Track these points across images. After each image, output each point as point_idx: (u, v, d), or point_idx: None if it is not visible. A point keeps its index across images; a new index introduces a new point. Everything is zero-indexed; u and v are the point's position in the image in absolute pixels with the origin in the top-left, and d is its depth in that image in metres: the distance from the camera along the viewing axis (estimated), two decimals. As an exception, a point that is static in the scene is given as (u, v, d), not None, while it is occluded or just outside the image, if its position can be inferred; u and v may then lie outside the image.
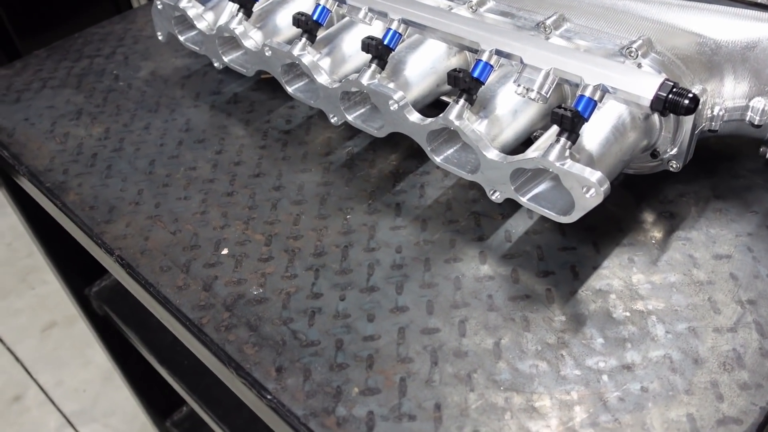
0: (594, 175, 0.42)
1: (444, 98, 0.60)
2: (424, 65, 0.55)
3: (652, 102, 0.41)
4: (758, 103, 0.48)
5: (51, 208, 0.62)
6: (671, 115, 0.47)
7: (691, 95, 0.40)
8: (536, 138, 0.53)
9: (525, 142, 0.51)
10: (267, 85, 0.70)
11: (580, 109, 0.42)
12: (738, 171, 0.53)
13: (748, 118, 0.48)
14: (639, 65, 0.46)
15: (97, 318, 1.02)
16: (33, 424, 1.52)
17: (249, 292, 0.49)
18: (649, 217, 0.51)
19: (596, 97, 0.43)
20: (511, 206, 0.52)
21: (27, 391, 1.58)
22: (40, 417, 1.53)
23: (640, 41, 0.47)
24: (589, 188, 0.42)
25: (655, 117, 0.48)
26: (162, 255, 0.53)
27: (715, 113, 0.48)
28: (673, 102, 0.41)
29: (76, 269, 0.97)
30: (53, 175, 0.63)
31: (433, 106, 0.57)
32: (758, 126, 0.49)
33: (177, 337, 0.52)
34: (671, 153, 0.49)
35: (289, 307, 0.48)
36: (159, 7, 0.69)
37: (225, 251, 0.53)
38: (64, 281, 0.98)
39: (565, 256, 0.48)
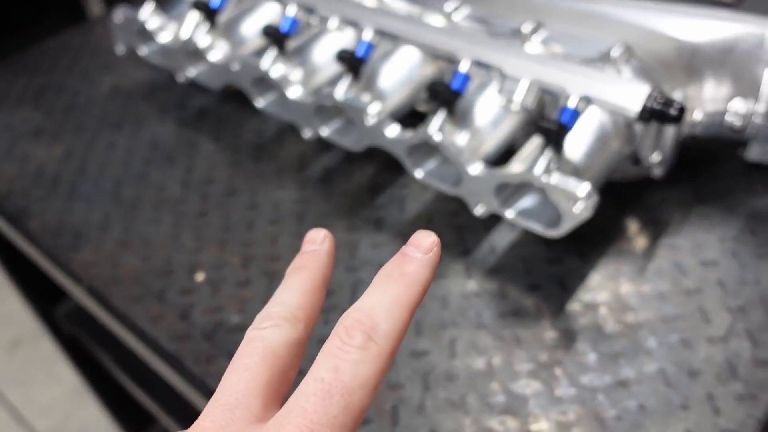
0: (581, 189, 0.41)
1: (421, 108, 0.58)
2: (400, 74, 0.53)
3: (640, 113, 0.41)
4: (737, 104, 0.48)
5: (14, 236, 0.59)
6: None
7: (678, 105, 0.40)
8: (518, 146, 0.52)
9: (508, 150, 0.50)
10: (236, 97, 0.68)
11: (564, 121, 0.41)
12: (719, 174, 0.52)
13: (727, 122, 0.48)
14: (620, 72, 0.45)
15: (64, 337, 0.98)
16: (3, 446, 1.47)
17: (228, 319, 0.47)
18: (633, 224, 0.50)
19: (580, 108, 0.42)
20: (493, 217, 0.51)
21: (-5, 411, 1.53)
22: (10, 438, 1.48)
23: (620, 48, 0.46)
24: (577, 202, 0.41)
25: (637, 124, 0.47)
26: (134, 283, 0.51)
27: (695, 118, 0.48)
28: (659, 112, 0.40)
29: (40, 289, 0.93)
30: (14, 201, 0.60)
31: (409, 115, 0.56)
32: (737, 130, 0.48)
33: (155, 370, 0.50)
34: (654, 160, 0.48)
35: (271, 334, 0.46)
36: (118, 20, 0.66)
37: (201, 276, 0.51)
38: (28, 301, 0.95)
39: (551, 268, 0.48)
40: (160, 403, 0.87)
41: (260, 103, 0.59)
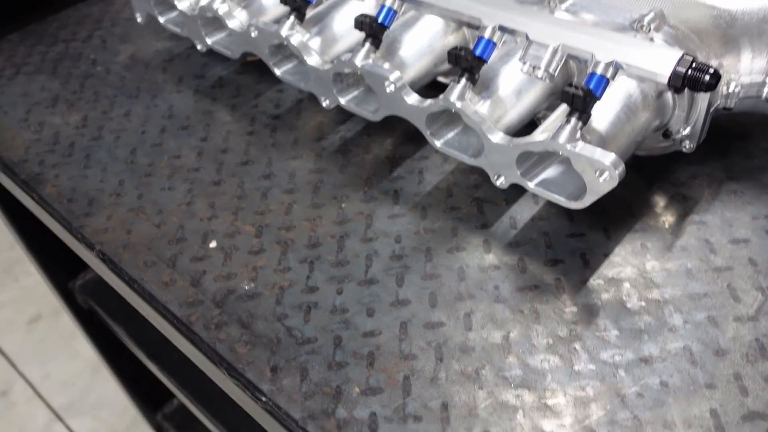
0: (607, 158, 0.39)
1: (441, 79, 0.57)
2: (421, 44, 0.52)
3: (671, 78, 0.39)
4: (775, 78, 0.45)
5: (27, 201, 0.59)
6: (685, 93, 0.44)
7: (712, 71, 0.38)
8: (540, 120, 0.50)
9: (528, 124, 0.49)
10: (253, 68, 0.67)
11: (591, 87, 0.40)
12: (752, 151, 0.50)
13: (764, 95, 0.46)
14: (651, 40, 0.43)
15: (82, 312, 0.99)
16: (21, 420, 1.49)
17: (240, 287, 0.46)
18: (661, 200, 0.48)
19: (609, 75, 0.40)
20: (515, 191, 0.49)
21: (13, 386, 1.55)
22: (28, 412, 1.50)
23: (651, 14, 0.44)
24: (603, 171, 0.39)
25: (668, 95, 0.45)
26: (146, 249, 0.50)
27: (731, 90, 0.45)
28: (693, 78, 0.38)
29: (58, 262, 0.93)
30: (28, 167, 0.59)
31: (428, 88, 0.54)
32: (775, 103, 0.46)
33: (164, 335, 0.49)
34: (684, 133, 0.46)
35: (283, 302, 0.45)
36: (137, -14, 0.65)
37: (213, 244, 0.50)
38: (46, 275, 0.95)
39: (574, 243, 0.46)
40: (175, 377, 0.87)
41: (278, 71, 0.57)
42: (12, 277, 1.78)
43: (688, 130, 0.46)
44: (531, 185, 0.44)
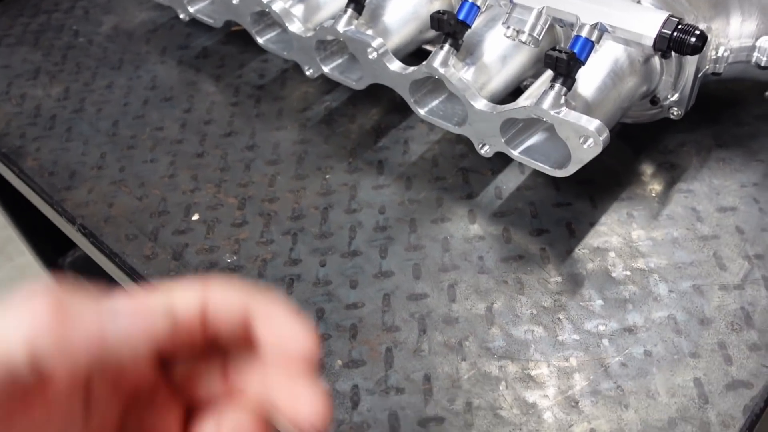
0: (592, 124, 0.38)
1: (427, 47, 0.56)
2: (405, 10, 0.51)
3: (656, 40, 0.38)
4: (765, 42, 0.44)
5: (8, 175, 0.58)
6: (673, 57, 0.43)
7: (698, 32, 0.37)
8: (526, 88, 0.49)
9: (513, 92, 0.48)
10: (238, 38, 0.65)
11: (576, 50, 0.39)
12: (742, 118, 0.49)
13: (754, 60, 0.45)
14: (638, 2, 0.42)
15: (73, 289, 0.98)
16: (17, 396, 1.49)
17: (222, 259, 0.46)
18: (648, 168, 0.47)
19: (593, 38, 0.39)
20: (501, 161, 0.49)
21: (10, 363, 1.55)
22: (25, 389, 1.51)
23: (639, -24, 0.43)
24: (587, 138, 0.38)
25: (656, 60, 0.44)
26: (128, 222, 0.49)
27: (719, 55, 0.44)
28: (678, 40, 0.37)
29: (47, 239, 0.93)
30: (9, 140, 0.58)
31: (414, 56, 0.53)
32: (765, 68, 0.45)
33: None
34: (672, 99, 0.45)
35: (265, 274, 0.44)
36: (117, -47, 0.64)
37: (196, 216, 0.49)
38: (36, 253, 0.94)
39: (560, 212, 0.45)
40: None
41: (260, 39, 0.56)
42: (6, 257, 1.77)
43: (676, 96, 0.45)
44: (515, 153, 0.43)
